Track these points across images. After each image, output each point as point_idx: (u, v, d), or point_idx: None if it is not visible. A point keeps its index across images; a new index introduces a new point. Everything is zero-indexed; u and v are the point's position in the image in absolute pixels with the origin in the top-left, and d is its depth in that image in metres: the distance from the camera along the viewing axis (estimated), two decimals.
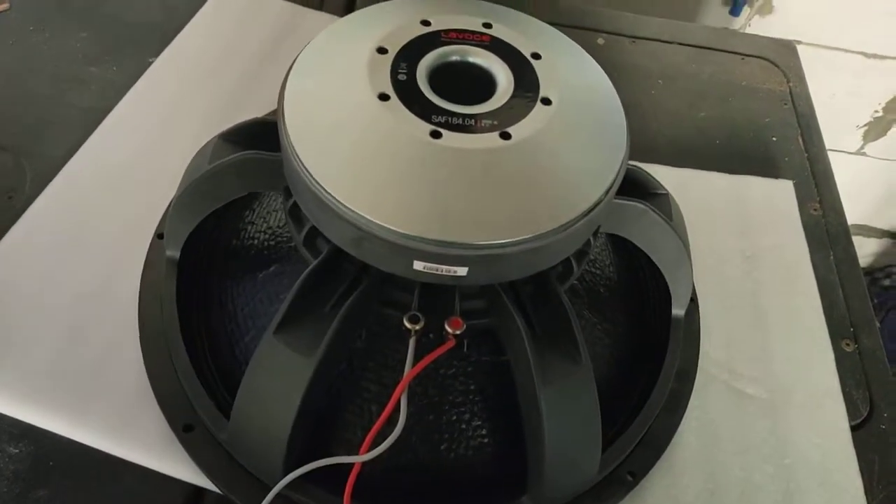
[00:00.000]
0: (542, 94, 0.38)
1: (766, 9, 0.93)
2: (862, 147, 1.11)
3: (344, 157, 0.35)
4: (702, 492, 0.46)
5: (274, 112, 0.39)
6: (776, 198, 0.63)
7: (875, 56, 0.97)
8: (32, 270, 0.51)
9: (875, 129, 1.08)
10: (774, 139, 0.69)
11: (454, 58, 0.39)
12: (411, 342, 0.37)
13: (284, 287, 0.46)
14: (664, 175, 0.62)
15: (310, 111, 0.37)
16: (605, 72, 0.42)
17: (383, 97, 0.36)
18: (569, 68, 0.40)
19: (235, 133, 0.45)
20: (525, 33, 0.41)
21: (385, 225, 0.33)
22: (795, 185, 0.64)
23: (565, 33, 0.76)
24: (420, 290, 0.38)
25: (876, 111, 1.05)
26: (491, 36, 0.40)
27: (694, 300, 0.53)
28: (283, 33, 0.70)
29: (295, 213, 0.42)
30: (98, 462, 0.43)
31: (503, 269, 0.36)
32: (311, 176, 0.35)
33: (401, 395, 0.36)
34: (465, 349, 0.40)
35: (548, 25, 0.44)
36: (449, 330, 0.37)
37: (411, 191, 0.34)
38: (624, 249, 0.52)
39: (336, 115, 0.36)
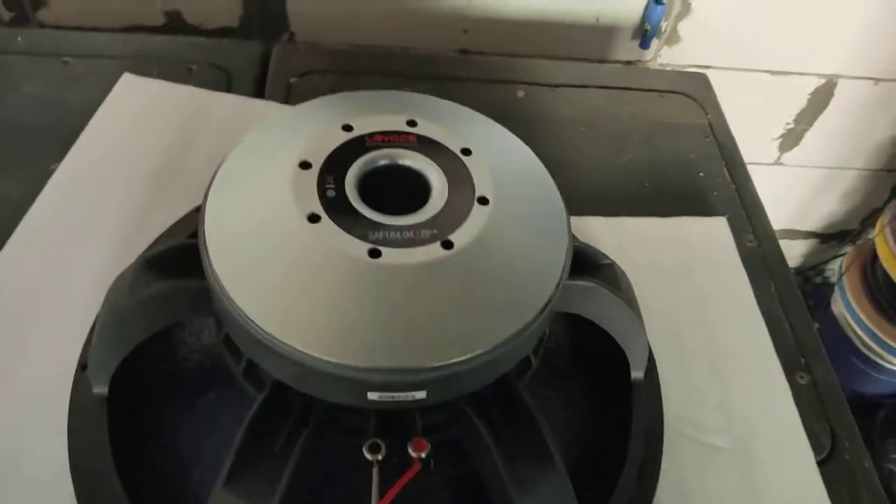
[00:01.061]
0: (477, 192, 0.36)
1: (674, 39, 0.96)
2: (779, 158, 1.15)
3: (278, 290, 0.33)
4: None
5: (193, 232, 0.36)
6: (713, 236, 0.64)
7: (780, 73, 1.02)
8: None
9: (789, 140, 1.13)
10: (701, 174, 0.70)
11: (382, 163, 0.37)
12: (374, 473, 0.35)
13: (225, 415, 0.43)
14: (599, 226, 0.63)
15: (235, 242, 0.34)
16: (528, 124, 0.41)
17: (313, 218, 0.34)
18: (499, 159, 0.39)
19: (156, 259, 0.41)
20: (451, 127, 0.40)
21: (331, 360, 0.31)
22: (728, 220, 0.65)
23: (485, 88, 0.78)
24: (376, 415, 0.36)
25: (788, 123, 1.10)
26: (417, 135, 0.38)
27: (650, 358, 0.53)
28: (193, 120, 0.67)
29: (230, 344, 0.39)
30: None
31: (464, 384, 0.34)
32: (245, 315, 0.32)
33: None
34: (431, 467, 0.38)
35: (470, 111, 0.42)
36: (413, 454, 0.35)
37: (356, 317, 0.32)
38: (572, 318, 0.51)
39: (265, 243, 0.34)
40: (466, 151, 0.38)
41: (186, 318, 0.42)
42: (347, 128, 0.38)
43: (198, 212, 0.56)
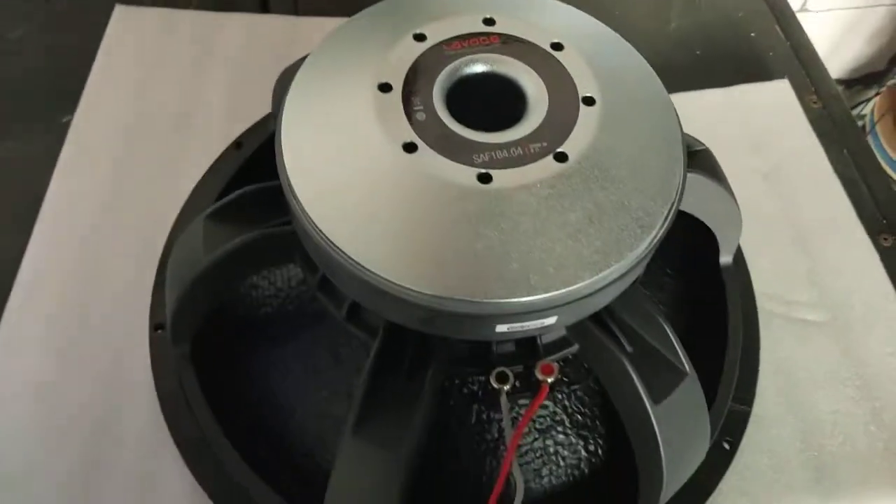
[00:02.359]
0: (580, 92, 0.33)
1: None
2: (805, 3, 1.09)
3: (386, 230, 0.30)
4: (795, 437, 0.45)
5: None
6: (776, 101, 0.60)
7: None
8: (24, 392, 0.44)
9: None
10: (753, 34, 0.66)
11: (468, 73, 0.33)
12: (503, 402, 0.34)
13: (323, 357, 0.41)
14: None
15: (325, 181, 0.31)
16: None
17: (409, 148, 0.31)
18: (594, 50, 0.35)
19: (224, 210, 0.38)
20: (532, 20, 0.35)
21: (458, 297, 0.29)
22: (790, 82, 0.61)
23: None
24: (498, 343, 0.34)
25: None
26: (499, 34, 0.34)
27: None
28: (204, 46, 0.61)
29: (326, 287, 0.36)
30: None
31: (594, 304, 0.32)
32: (353, 260, 0.29)
33: (511, 465, 0.33)
34: (556, 389, 0.37)
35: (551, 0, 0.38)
36: (540, 377, 0.34)
37: (477, 250, 0.29)
38: None
39: (360, 180, 0.31)
40: (557, 46, 0.34)
41: (273, 265, 0.40)
42: (420, 37, 0.34)
43: (237, 148, 0.53)
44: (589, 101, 0.32)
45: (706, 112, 0.59)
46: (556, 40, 0.34)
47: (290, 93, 0.34)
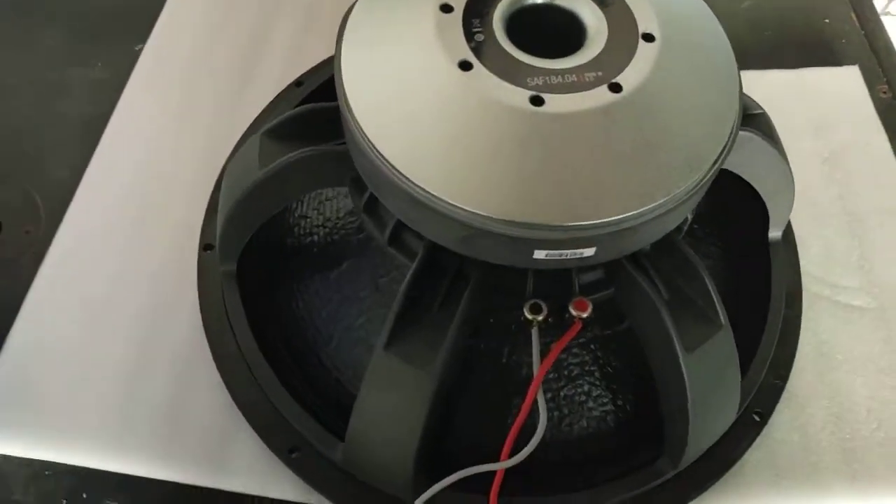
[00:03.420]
0: (640, 29, 0.33)
1: None
2: (887, 7, 1.05)
3: (435, 146, 0.30)
4: (828, 418, 0.44)
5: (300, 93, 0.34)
6: (844, 87, 0.58)
7: None
8: (74, 305, 0.47)
9: None
10: (827, 20, 0.64)
11: (530, 1, 0.33)
12: (534, 334, 0.34)
13: (364, 285, 0.42)
14: None
15: (380, 96, 0.32)
16: None
17: (465, 66, 0.31)
18: None
19: (281, 128, 0.39)
20: None
21: (501, 217, 0.29)
22: (860, 69, 0.59)
23: None
24: (534, 273, 0.34)
25: None
26: None
27: None
28: None
29: (372, 209, 0.37)
30: (197, 497, 0.41)
31: (633, 241, 0.32)
32: (402, 174, 0.30)
33: (537, 394, 0.33)
34: (588, 329, 0.37)
35: None
36: (574, 313, 0.34)
37: (523, 172, 0.30)
38: None
39: (414, 96, 0.31)
40: None
41: (324, 185, 0.41)
42: None
43: (297, 86, 0.54)
44: (649, 38, 0.32)
45: (770, 91, 0.56)
46: None
47: (354, 9, 0.35)
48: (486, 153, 0.30)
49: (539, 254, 0.31)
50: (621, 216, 0.29)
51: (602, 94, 0.31)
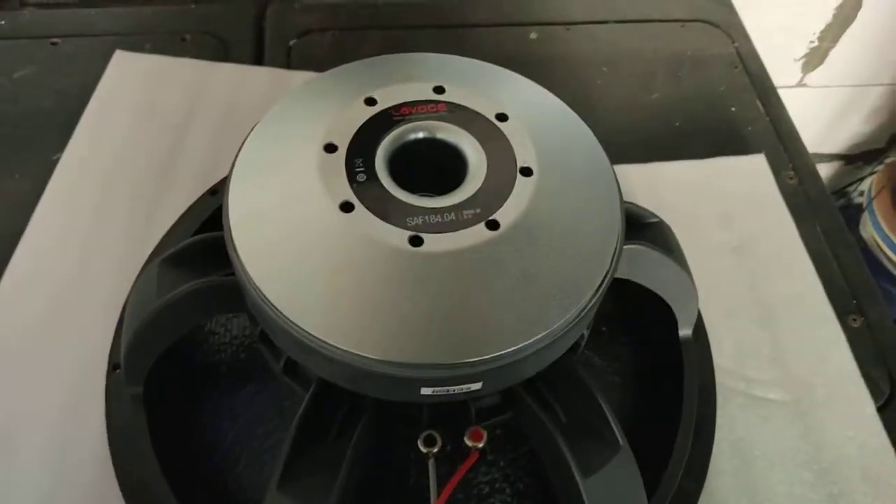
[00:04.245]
0: (519, 163, 0.33)
1: None
2: (802, 79, 1.10)
3: (318, 288, 0.31)
4: None
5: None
6: (750, 176, 0.61)
7: None
8: None
9: (813, 59, 1.07)
10: (733, 109, 0.67)
11: (412, 138, 0.34)
12: (431, 466, 0.33)
13: (267, 407, 0.42)
14: (631, 174, 0.60)
15: (264, 239, 0.32)
16: (544, 68, 0.37)
17: (346, 207, 0.32)
18: (538, 122, 0.36)
19: (179, 257, 0.39)
20: (481, 90, 0.36)
21: (381, 358, 0.29)
22: (766, 156, 0.62)
23: (494, 32, 0.73)
24: (429, 405, 0.34)
25: (812, 42, 1.04)
26: (447, 102, 0.35)
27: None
28: (194, 95, 0.63)
29: (267, 339, 0.37)
30: None
31: (520, 372, 0.32)
32: (284, 316, 0.30)
33: None
34: (488, 455, 0.36)
35: (499, 69, 0.39)
36: (470, 444, 0.34)
37: (403, 312, 0.30)
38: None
39: (298, 237, 0.31)
40: (502, 117, 0.35)
41: (219, 314, 0.40)
42: (370, 101, 0.35)
43: (212, 195, 0.54)
44: (526, 172, 0.33)
45: (680, 183, 0.60)
46: (501, 111, 0.35)
47: (244, 146, 0.35)
48: (368, 295, 0.30)
49: (426, 390, 0.31)
50: (500, 353, 0.29)
51: (479, 232, 0.31)
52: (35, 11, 0.68)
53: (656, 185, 0.59)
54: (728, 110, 0.67)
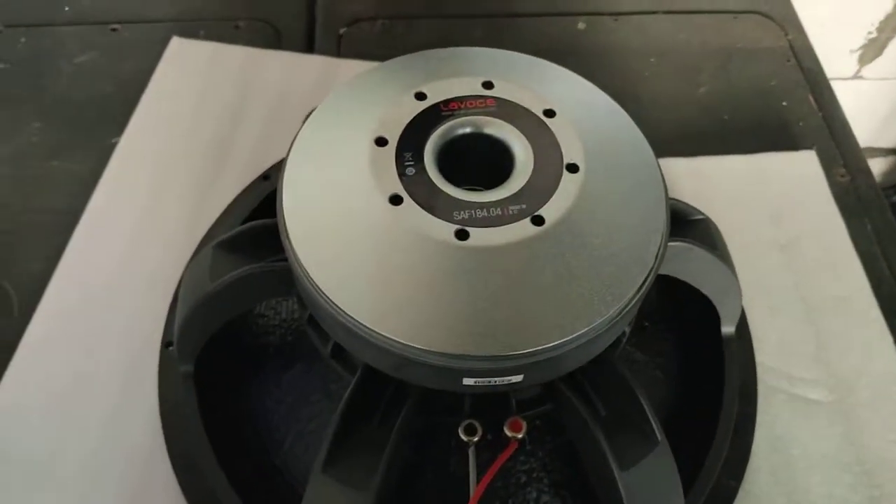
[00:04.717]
0: (565, 159, 0.34)
1: None
2: (858, 71, 1.07)
3: (366, 277, 0.32)
4: None
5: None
6: (801, 172, 0.59)
7: None
8: (41, 402, 0.47)
9: (870, 51, 1.04)
10: (785, 104, 0.65)
11: (461, 133, 0.35)
12: (471, 454, 0.34)
13: (314, 388, 0.43)
14: (677, 169, 0.59)
15: (317, 228, 0.33)
16: (591, 59, 0.37)
17: (395, 200, 0.32)
18: (585, 118, 0.36)
19: (233, 242, 0.41)
20: (530, 86, 0.37)
21: (426, 348, 0.30)
22: (817, 152, 0.61)
23: (542, 22, 0.73)
24: (471, 395, 0.35)
25: (870, 32, 1.01)
26: (495, 98, 0.36)
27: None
28: (249, 80, 0.65)
29: (316, 323, 0.38)
30: None
31: (561, 366, 0.33)
32: (335, 304, 0.31)
33: None
34: (527, 445, 0.37)
35: (549, 65, 0.39)
36: (509, 434, 0.34)
37: (448, 304, 0.31)
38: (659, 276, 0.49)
39: (349, 227, 0.33)
40: (550, 113, 0.35)
41: (270, 298, 0.42)
42: (420, 96, 0.36)
43: (264, 179, 0.56)
44: (573, 168, 0.33)
45: (727, 178, 0.59)
46: (548, 107, 0.35)
47: (298, 137, 0.36)
48: (415, 286, 0.31)
49: (468, 381, 0.32)
50: (542, 347, 0.30)
51: (524, 228, 0.32)
52: None
53: (702, 179, 0.58)
54: (779, 105, 0.65)
